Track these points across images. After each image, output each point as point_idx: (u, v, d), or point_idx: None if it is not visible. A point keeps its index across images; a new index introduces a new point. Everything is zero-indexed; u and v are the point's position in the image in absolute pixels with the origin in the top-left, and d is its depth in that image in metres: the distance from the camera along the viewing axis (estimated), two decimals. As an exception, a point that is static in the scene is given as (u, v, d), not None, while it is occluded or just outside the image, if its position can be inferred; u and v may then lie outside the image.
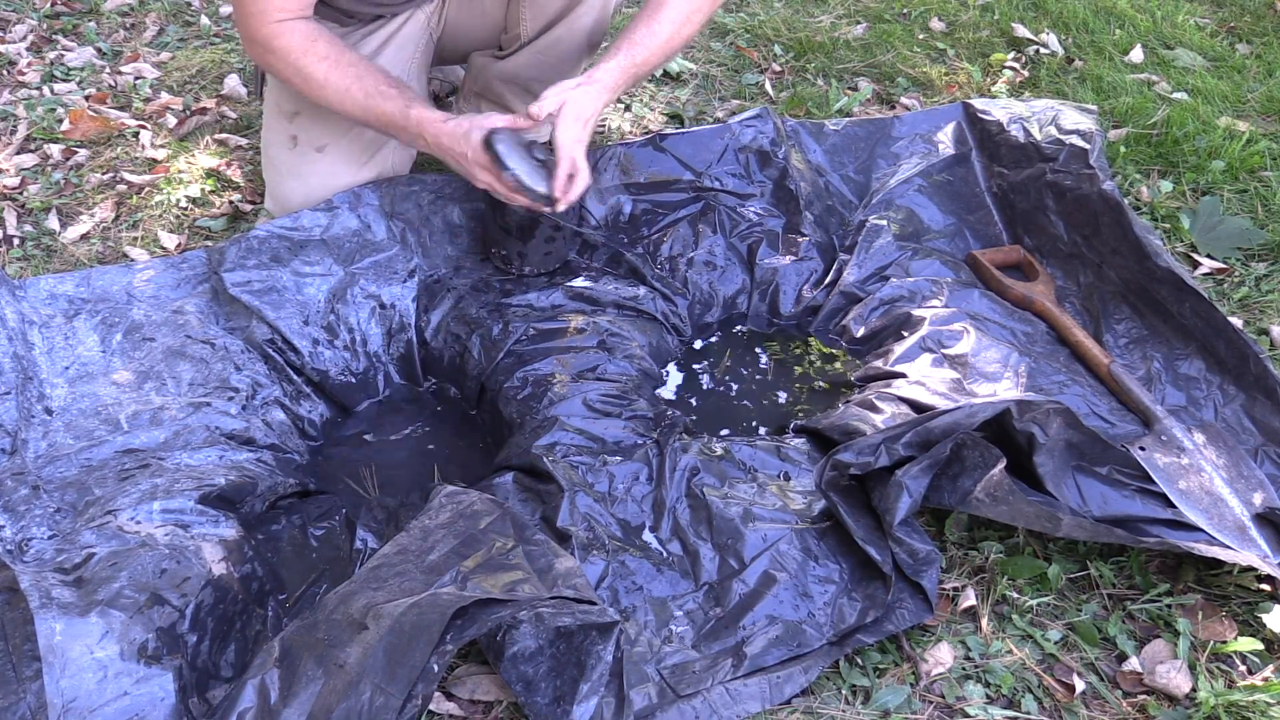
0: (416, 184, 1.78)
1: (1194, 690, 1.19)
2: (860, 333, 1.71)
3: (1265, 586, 1.30)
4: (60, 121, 2.11)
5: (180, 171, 2.00)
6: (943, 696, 1.19)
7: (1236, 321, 1.65)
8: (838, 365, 1.70)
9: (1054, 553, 1.35)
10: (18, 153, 2.04)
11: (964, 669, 1.22)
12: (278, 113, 1.78)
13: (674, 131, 1.92)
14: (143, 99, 2.21)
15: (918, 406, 1.48)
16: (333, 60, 1.54)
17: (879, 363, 1.62)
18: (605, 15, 1.81)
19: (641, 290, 1.72)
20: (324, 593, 1.26)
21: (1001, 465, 1.26)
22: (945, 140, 1.98)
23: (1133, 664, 1.22)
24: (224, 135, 2.11)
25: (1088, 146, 1.83)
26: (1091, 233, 1.77)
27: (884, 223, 1.83)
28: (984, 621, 1.27)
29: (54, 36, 2.42)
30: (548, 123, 1.52)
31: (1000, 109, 1.99)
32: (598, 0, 1.75)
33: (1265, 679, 1.20)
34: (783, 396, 1.65)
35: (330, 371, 1.60)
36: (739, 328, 1.79)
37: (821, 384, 1.67)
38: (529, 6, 1.75)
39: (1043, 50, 2.50)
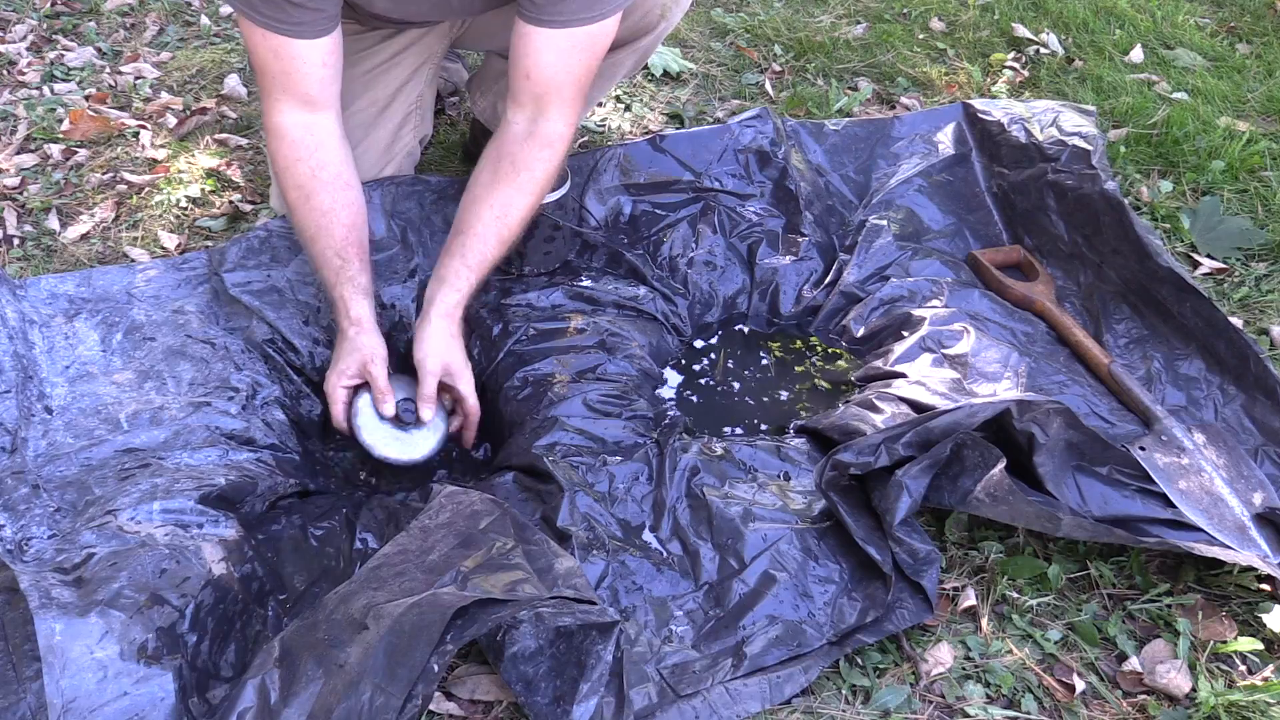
0: (419, 184, 1.78)
1: (1194, 690, 1.19)
2: (860, 333, 1.71)
3: (1265, 586, 1.30)
4: (60, 121, 2.11)
5: (180, 171, 2.00)
6: (943, 696, 1.19)
7: (1236, 321, 1.65)
8: (838, 365, 1.70)
9: (1054, 553, 1.35)
10: (18, 153, 2.04)
11: (964, 669, 1.22)
12: None
13: (674, 132, 1.92)
14: (143, 99, 2.21)
15: (918, 406, 1.48)
16: (304, 195, 1.48)
17: (879, 363, 1.62)
18: (644, 58, 1.81)
19: (641, 290, 1.72)
20: (324, 593, 1.26)
21: (1001, 465, 1.26)
22: (945, 140, 1.98)
23: (1133, 664, 1.22)
24: (224, 135, 2.11)
25: (1090, 148, 1.83)
26: (1092, 232, 1.77)
27: (884, 223, 1.84)
28: (984, 621, 1.27)
29: (54, 36, 2.42)
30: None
31: (1000, 109, 1.99)
32: (642, 45, 1.74)
33: (1265, 679, 1.20)
34: (783, 396, 1.65)
35: (330, 371, 1.60)
36: (739, 328, 1.79)
37: (821, 384, 1.67)
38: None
39: (1043, 50, 2.50)
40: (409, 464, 1.45)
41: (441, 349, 1.45)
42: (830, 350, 1.74)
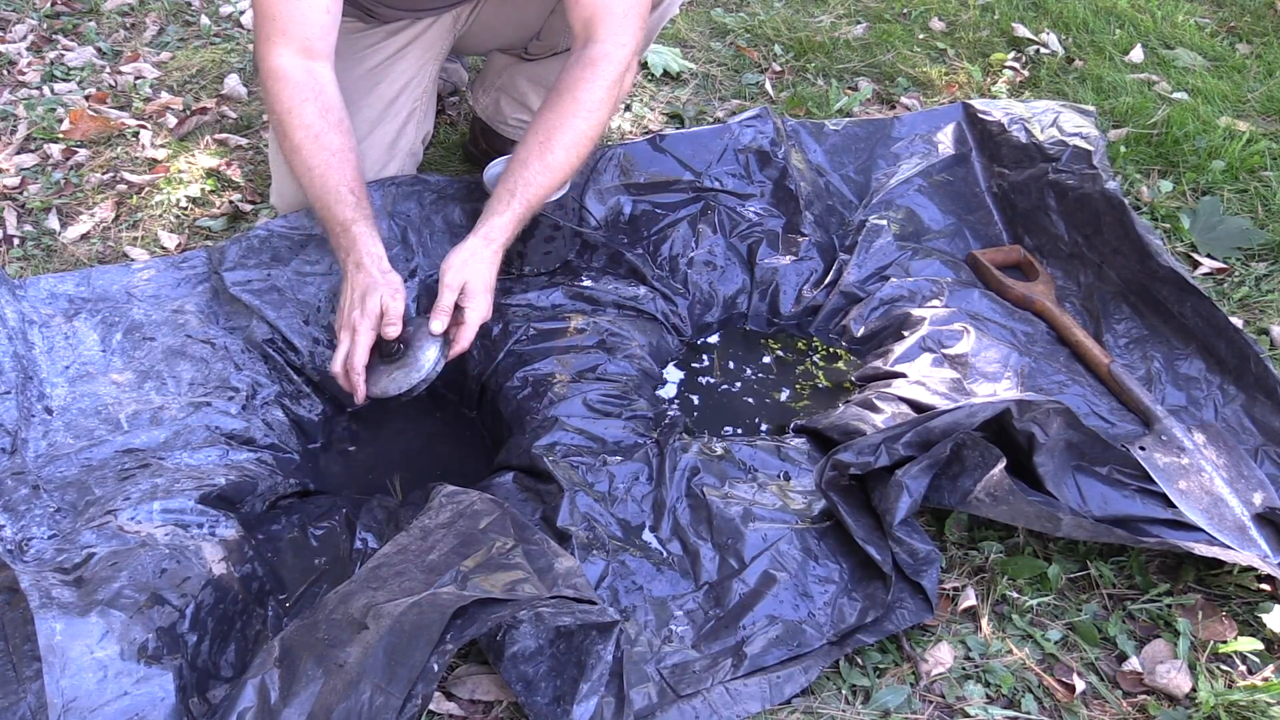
0: (419, 184, 1.78)
1: (1194, 690, 1.19)
2: (860, 333, 1.71)
3: (1265, 586, 1.30)
4: (60, 121, 2.11)
5: (180, 171, 2.00)
6: (943, 696, 1.19)
7: (1236, 321, 1.65)
8: (838, 365, 1.70)
9: (1054, 553, 1.35)
10: (18, 153, 2.04)
11: (964, 669, 1.22)
12: None
13: (674, 132, 1.92)
14: (143, 99, 2.21)
15: (918, 406, 1.48)
16: (313, 134, 1.44)
17: (879, 363, 1.62)
18: (648, 40, 1.81)
19: (641, 290, 1.72)
20: (324, 593, 1.26)
21: (1001, 465, 1.26)
22: (945, 140, 1.98)
23: (1133, 664, 1.22)
24: (224, 135, 2.11)
25: (1090, 148, 1.83)
26: (1093, 232, 1.77)
27: (884, 223, 1.83)
28: (984, 621, 1.27)
29: (54, 36, 2.42)
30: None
31: (1000, 109, 1.99)
32: (654, 16, 1.74)
33: (1265, 679, 1.20)
34: (783, 396, 1.65)
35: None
36: (739, 328, 1.79)
37: (821, 384, 1.67)
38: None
39: (1043, 50, 2.50)
40: (407, 391, 1.40)
41: (465, 267, 1.43)
42: (830, 350, 1.74)
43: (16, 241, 1.83)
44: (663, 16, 1.79)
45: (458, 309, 1.43)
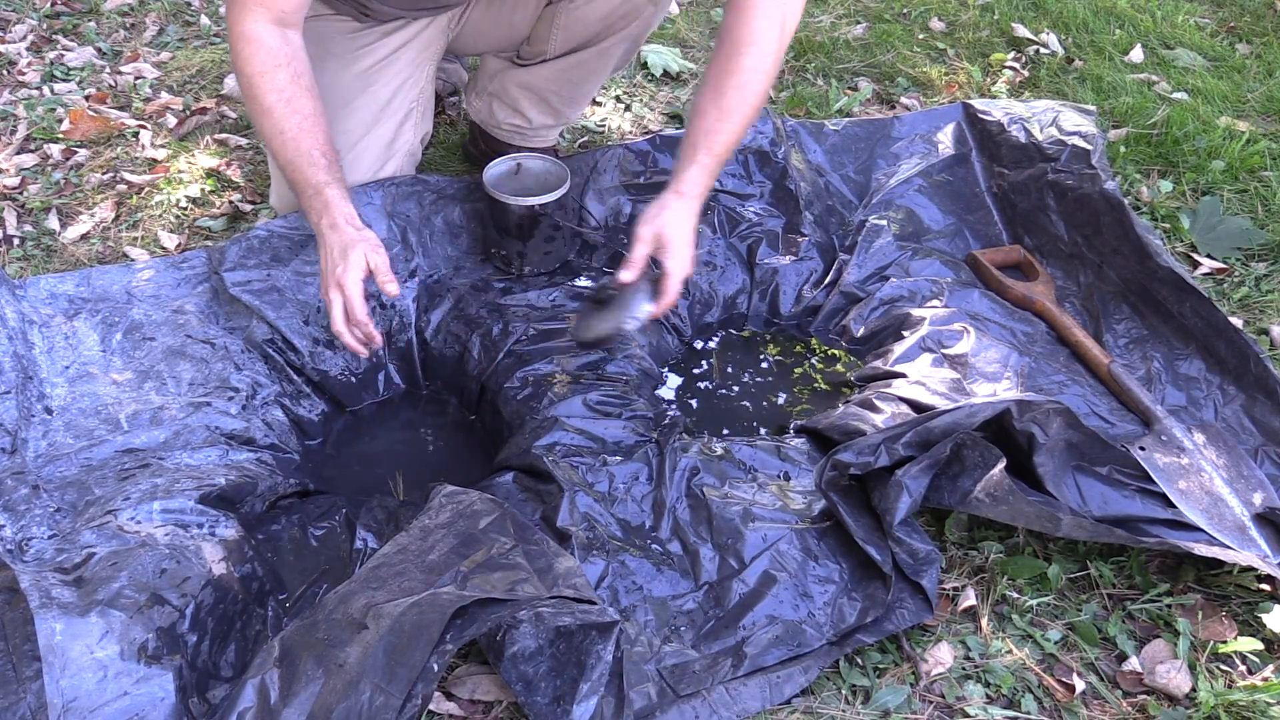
0: (419, 184, 1.78)
1: (1194, 690, 1.19)
2: (860, 333, 1.71)
3: (1265, 586, 1.30)
4: (60, 121, 2.11)
5: (180, 171, 2.00)
6: (943, 696, 1.19)
7: (1236, 321, 1.65)
8: (838, 365, 1.70)
9: (1054, 553, 1.35)
10: (18, 153, 2.04)
11: (964, 669, 1.22)
12: None
13: (674, 132, 1.92)
14: (143, 99, 2.22)
15: (918, 406, 1.48)
16: (285, 98, 1.44)
17: (879, 363, 1.62)
18: (636, 47, 1.81)
19: (641, 290, 1.71)
20: (324, 593, 1.26)
21: (1001, 465, 1.26)
22: (945, 140, 1.98)
23: (1133, 664, 1.22)
24: (224, 135, 2.11)
25: (1090, 147, 1.83)
26: (1092, 232, 1.77)
27: (884, 223, 1.84)
28: (984, 621, 1.27)
29: (54, 36, 2.42)
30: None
31: (1000, 110, 1.99)
32: (631, 33, 1.75)
33: (1265, 679, 1.20)
34: (783, 396, 1.65)
35: (331, 371, 1.59)
36: (739, 328, 1.79)
37: (821, 384, 1.67)
38: (562, 29, 1.74)
39: (1043, 50, 2.50)
40: (606, 336, 1.45)
41: (657, 219, 1.46)
42: (830, 350, 1.74)
43: (16, 241, 1.83)
44: None
45: (657, 263, 1.44)
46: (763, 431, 1.58)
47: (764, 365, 1.71)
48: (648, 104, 2.29)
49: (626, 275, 1.46)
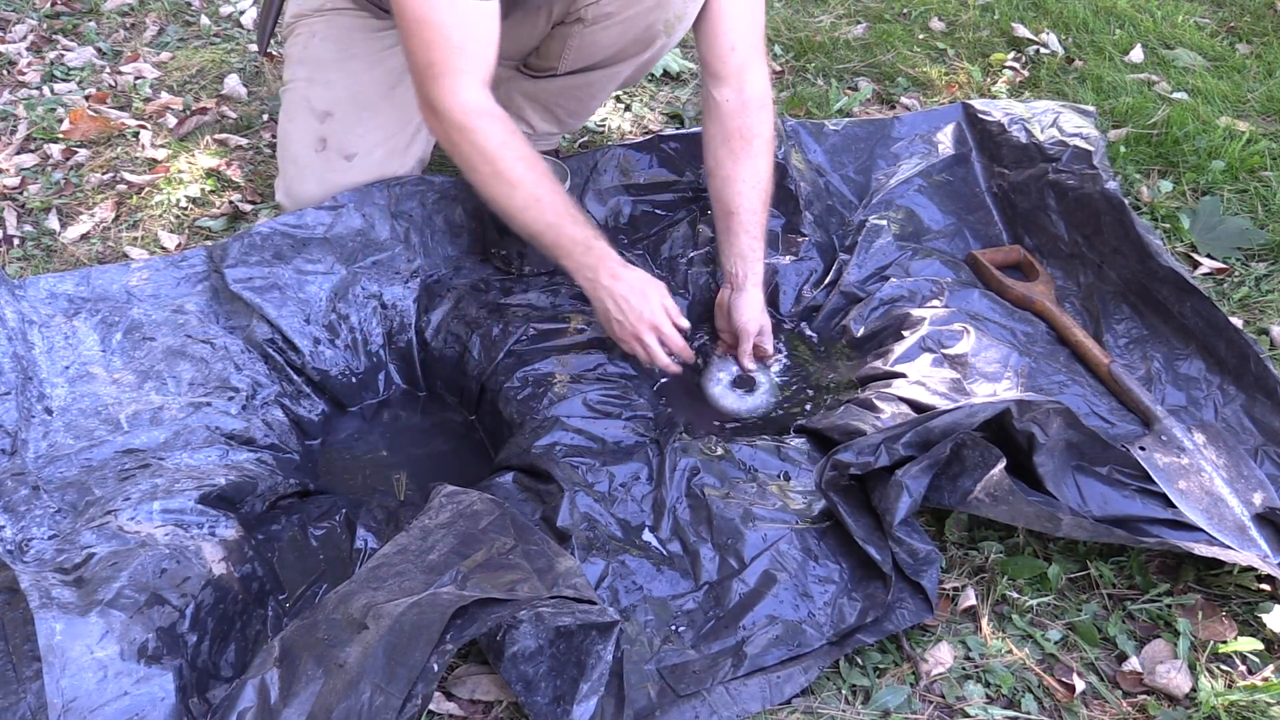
0: (423, 184, 1.77)
1: (1194, 690, 1.19)
2: (860, 333, 1.71)
3: (1265, 586, 1.30)
4: (60, 121, 2.11)
5: (180, 171, 2.00)
6: (943, 696, 1.19)
7: (1236, 321, 1.65)
8: (838, 365, 1.70)
9: (1054, 553, 1.35)
10: (18, 153, 2.04)
11: (964, 669, 1.22)
12: (307, 110, 1.73)
13: (674, 133, 1.92)
14: (143, 99, 2.22)
15: (918, 406, 1.48)
16: (528, 164, 1.44)
17: (879, 363, 1.62)
18: (646, 70, 1.82)
19: (641, 290, 1.71)
20: (324, 593, 1.26)
21: (1001, 465, 1.26)
22: (945, 140, 1.98)
23: (1133, 664, 1.22)
24: (224, 135, 2.11)
25: (1090, 148, 1.83)
26: (1093, 232, 1.77)
27: (884, 223, 1.83)
28: (984, 621, 1.27)
29: (54, 36, 2.42)
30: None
31: (1000, 110, 1.99)
32: (643, 59, 1.75)
33: (1265, 679, 1.20)
34: (782, 396, 1.65)
35: (331, 371, 1.60)
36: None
37: (822, 384, 1.67)
38: (574, 50, 1.73)
39: (1043, 50, 2.50)
40: (751, 415, 1.62)
41: (759, 314, 1.63)
42: (830, 350, 1.73)
43: (16, 241, 1.83)
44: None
45: (756, 346, 1.64)
46: (763, 431, 1.58)
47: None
48: (648, 104, 2.29)
49: (750, 364, 1.64)
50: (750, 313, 1.62)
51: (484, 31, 1.39)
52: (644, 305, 1.47)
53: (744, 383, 1.66)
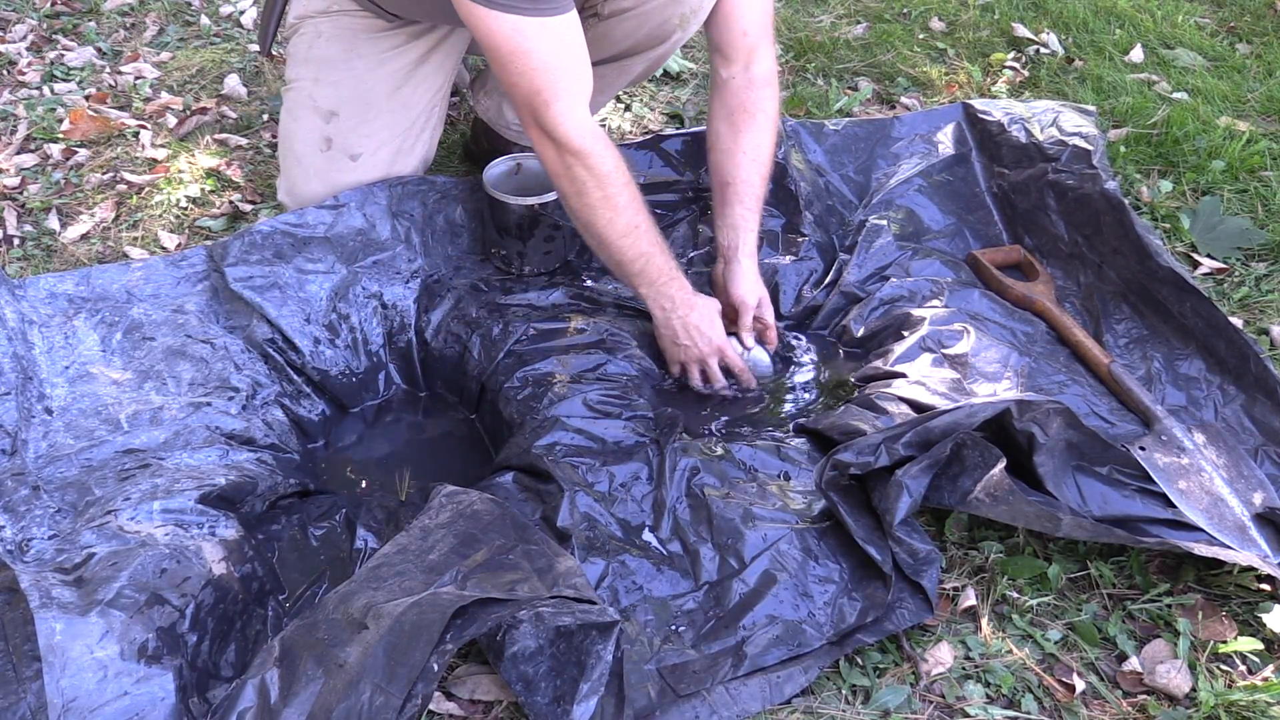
0: (424, 184, 1.77)
1: (1194, 690, 1.19)
2: (860, 333, 1.71)
3: (1265, 586, 1.30)
4: (60, 121, 2.12)
5: (180, 171, 2.00)
6: (943, 696, 1.19)
7: (1236, 321, 1.65)
8: (838, 365, 1.70)
9: (1054, 553, 1.35)
10: (18, 153, 2.04)
11: (964, 669, 1.22)
12: (312, 109, 1.73)
13: (674, 133, 1.92)
14: (143, 99, 2.22)
15: (918, 406, 1.48)
16: (631, 191, 1.47)
17: (879, 363, 1.62)
18: (656, 67, 1.82)
19: (642, 290, 1.71)
20: (324, 593, 1.26)
21: (1001, 465, 1.26)
22: (945, 140, 1.98)
23: (1133, 664, 1.22)
24: (224, 135, 2.11)
25: (1090, 148, 1.83)
26: (1093, 232, 1.77)
27: (884, 223, 1.83)
28: (984, 621, 1.27)
29: (54, 36, 2.42)
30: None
31: (1000, 110, 1.99)
32: (655, 54, 1.75)
33: (1265, 679, 1.20)
34: (782, 396, 1.65)
35: (331, 371, 1.60)
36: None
37: (822, 384, 1.67)
38: (587, 44, 1.73)
39: (1043, 50, 2.50)
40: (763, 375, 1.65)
41: (755, 285, 1.63)
42: (830, 350, 1.73)
43: (16, 241, 1.83)
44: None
45: (756, 318, 1.64)
46: (763, 431, 1.58)
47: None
48: (648, 104, 2.29)
49: (750, 339, 1.63)
50: (745, 284, 1.62)
51: (576, 41, 1.39)
52: (713, 332, 1.56)
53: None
